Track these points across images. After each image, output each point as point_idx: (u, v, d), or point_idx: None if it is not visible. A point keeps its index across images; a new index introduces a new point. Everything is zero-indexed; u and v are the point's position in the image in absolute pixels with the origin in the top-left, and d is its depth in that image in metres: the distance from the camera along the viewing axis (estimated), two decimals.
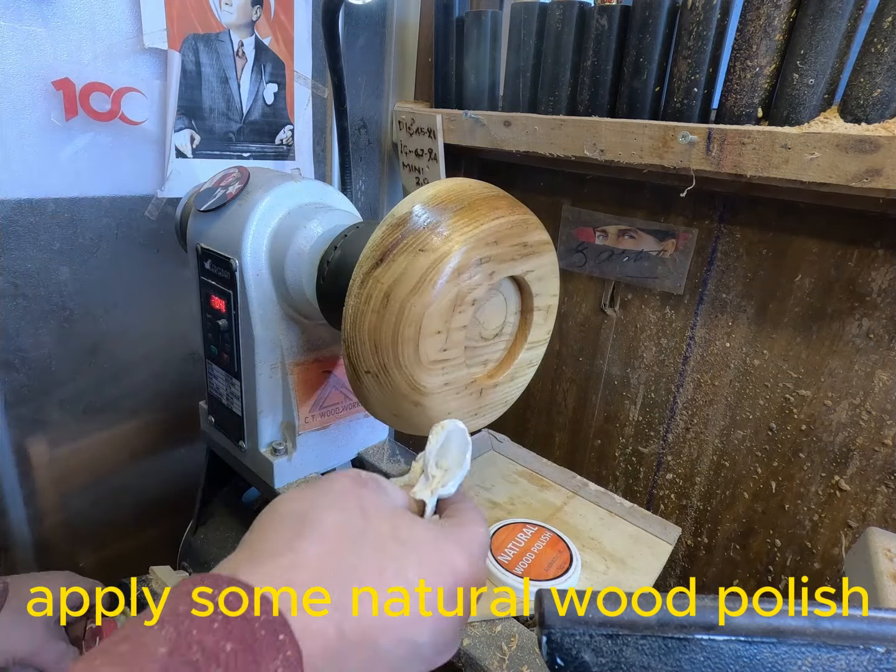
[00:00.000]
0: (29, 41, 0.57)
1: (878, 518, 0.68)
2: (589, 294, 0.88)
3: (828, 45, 0.54)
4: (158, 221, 0.71)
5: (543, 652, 0.26)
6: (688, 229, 0.75)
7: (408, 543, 0.28)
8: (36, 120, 0.59)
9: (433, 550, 0.29)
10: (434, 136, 0.83)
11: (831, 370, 0.68)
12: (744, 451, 0.77)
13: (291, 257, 0.51)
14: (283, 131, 0.80)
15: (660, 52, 0.64)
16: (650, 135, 0.63)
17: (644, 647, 0.25)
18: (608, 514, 0.64)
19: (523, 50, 0.75)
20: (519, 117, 0.74)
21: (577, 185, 0.84)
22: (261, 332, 0.54)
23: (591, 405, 0.92)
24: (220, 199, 0.54)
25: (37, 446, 0.70)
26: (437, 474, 0.35)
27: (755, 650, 0.24)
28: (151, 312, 0.75)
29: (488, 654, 0.47)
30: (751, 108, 0.59)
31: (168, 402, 0.81)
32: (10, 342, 0.64)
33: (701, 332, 0.77)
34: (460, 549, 0.30)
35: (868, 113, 0.53)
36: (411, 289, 0.40)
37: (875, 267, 0.63)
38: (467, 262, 0.41)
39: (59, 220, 0.64)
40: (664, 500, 0.87)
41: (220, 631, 0.21)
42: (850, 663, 0.24)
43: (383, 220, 0.42)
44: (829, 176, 0.54)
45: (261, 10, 0.72)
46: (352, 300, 0.42)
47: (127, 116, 0.64)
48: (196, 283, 0.59)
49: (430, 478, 0.35)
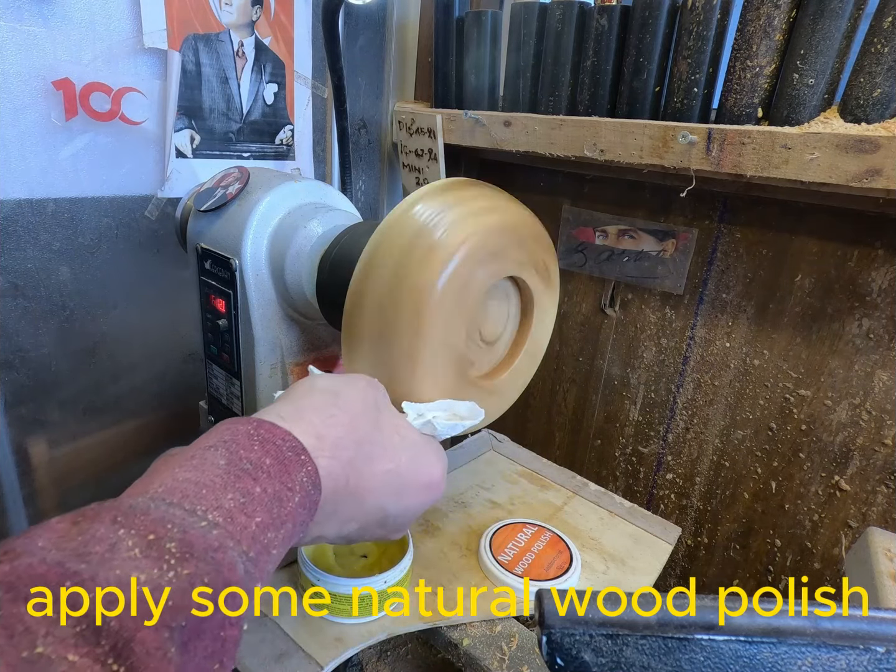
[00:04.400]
0: (29, 41, 0.57)
1: (878, 518, 0.68)
2: (589, 294, 0.87)
3: (828, 45, 0.54)
4: (158, 221, 0.71)
5: (543, 652, 0.26)
6: (688, 229, 0.75)
7: (406, 439, 0.37)
8: (36, 120, 0.59)
9: (421, 453, 0.38)
10: (434, 136, 0.83)
11: (831, 370, 0.68)
12: (744, 451, 0.77)
13: (291, 257, 0.51)
14: (283, 131, 0.80)
15: (660, 52, 0.64)
16: (650, 135, 0.63)
17: (644, 647, 0.25)
18: (608, 514, 0.64)
19: (523, 50, 0.75)
20: (519, 117, 0.74)
21: (577, 185, 0.84)
22: (261, 332, 0.54)
23: (591, 405, 0.92)
24: (220, 199, 0.54)
25: (37, 446, 0.70)
26: (439, 416, 0.41)
27: (755, 650, 0.24)
28: (151, 312, 0.75)
29: (488, 654, 0.47)
30: (751, 108, 0.59)
31: (168, 402, 0.81)
32: (10, 342, 0.64)
33: (701, 332, 0.77)
34: (439, 465, 0.39)
35: (868, 113, 0.53)
36: (421, 267, 0.40)
37: (875, 267, 0.63)
38: (480, 252, 0.41)
39: (59, 220, 0.64)
40: (664, 500, 0.87)
41: (259, 451, 0.29)
42: (850, 663, 0.24)
43: (403, 200, 0.43)
44: (829, 176, 0.54)
45: (261, 10, 0.72)
46: (362, 266, 0.42)
47: (127, 116, 0.64)
48: (196, 283, 0.59)
49: (434, 415, 0.41)
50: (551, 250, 0.49)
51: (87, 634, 0.19)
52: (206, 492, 0.26)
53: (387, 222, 0.42)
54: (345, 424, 0.33)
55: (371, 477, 0.34)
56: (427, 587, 0.52)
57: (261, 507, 0.27)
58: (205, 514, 0.25)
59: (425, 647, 0.75)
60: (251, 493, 0.27)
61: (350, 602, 0.48)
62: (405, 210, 0.42)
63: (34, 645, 0.18)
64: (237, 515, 0.26)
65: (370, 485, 0.34)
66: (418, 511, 0.38)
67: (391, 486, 0.35)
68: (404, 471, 0.36)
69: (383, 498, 0.35)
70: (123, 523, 0.23)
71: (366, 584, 0.47)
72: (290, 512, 0.28)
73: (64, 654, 0.18)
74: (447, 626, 0.49)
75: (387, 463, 0.35)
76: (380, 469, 0.34)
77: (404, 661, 0.73)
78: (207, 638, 0.22)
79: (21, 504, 0.71)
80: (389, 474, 0.35)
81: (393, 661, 0.73)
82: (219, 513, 0.25)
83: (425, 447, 0.38)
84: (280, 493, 0.28)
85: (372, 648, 0.72)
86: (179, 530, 0.23)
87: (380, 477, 0.34)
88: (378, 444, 0.35)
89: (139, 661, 0.19)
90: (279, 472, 0.28)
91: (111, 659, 0.19)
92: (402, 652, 0.74)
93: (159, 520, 0.23)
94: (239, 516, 0.26)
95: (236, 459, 0.28)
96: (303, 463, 0.30)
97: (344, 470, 0.32)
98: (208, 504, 0.26)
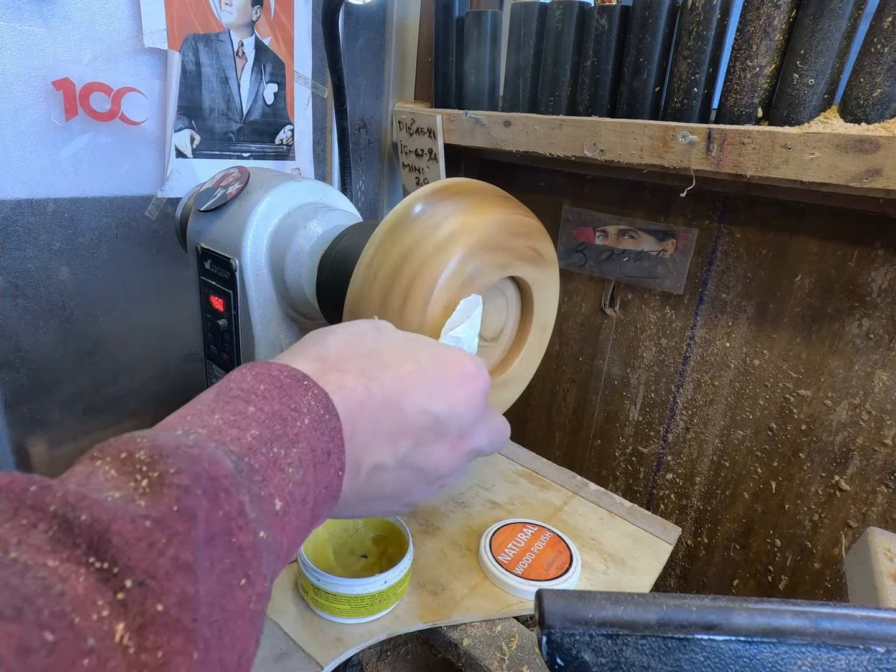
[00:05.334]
0: (29, 41, 0.57)
1: (878, 518, 0.68)
2: (589, 294, 0.87)
3: (828, 45, 0.54)
4: (158, 221, 0.71)
5: (543, 652, 0.26)
6: (688, 229, 0.75)
7: (419, 342, 0.33)
8: (36, 120, 0.59)
9: (441, 351, 0.33)
10: (434, 136, 0.83)
11: (831, 370, 0.68)
12: (744, 451, 0.77)
13: (291, 257, 0.51)
14: (283, 131, 0.80)
15: (660, 52, 0.64)
16: (650, 135, 0.63)
17: (644, 647, 0.25)
18: (608, 514, 0.64)
19: (523, 50, 0.75)
20: (519, 117, 0.74)
21: (577, 185, 0.84)
22: (261, 332, 0.54)
23: (591, 405, 0.92)
24: (220, 199, 0.54)
25: (37, 446, 0.70)
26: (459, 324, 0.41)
27: (755, 650, 0.24)
28: (151, 312, 0.75)
29: (488, 654, 0.47)
30: (751, 108, 0.59)
31: (168, 402, 0.81)
32: (10, 342, 0.64)
33: (701, 332, 0.77)
34: (466, 356, 0.34)
35: (868, 113, 0.53)
36: (422, 262, 0.40)
37: (875, 267, 0.63)
38: (482, 247, 0.41)
39: (59, 220, 0.64)
40: (664, 500, 0.87)
41: (251, 380, 0.26)
42: (850, 663, 0.24)
43: (404, 198, 0.43)
44: (829, 176, 0.54)
45: (261, 10, 0.72)
46: (361, 269, 0.42)
47: (127, 116, 0.64)
48: (196, 283, 0.59)
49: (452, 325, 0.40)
50: (538, 233, 0.48)
51: (61, 536, 0.17)
52: (191, 417, 0.24)
53: (387, 222, 0.42)
54: (345, 343, 0.30)
55: (395, 382, 0.29)
56: (427, 587, 0.52)
57: (256, 422, 0.24)
58: (186, 432, 0.23)
59: (425, 647, 0.75)
60: (243, 412, 0.24)
61: (350, 602, 0.48)
62: (405, 210, 0.42)
63: (6, 552, 0.16)
64: (226, 429, 0.23)
65: (399, 390, 0.29)
66: (470, 407, 0.32)
67: (423, 386, 0.30)
68: (430, 368, 0.31)
69: (421, 399, 0.30)
70: (99, 456, 0.21)
71: (366, 584, 0.47)
72: (301, 432, 0.25)
73: (42, 562, 0.16)
74: (447, 626, 0.49)
75: (406, 365, 0.30)
76: (401, 372, 0.30)
77: (404, 661, 0.73)
78: (218, 545, 0.20)
79: None
80: (414, 374, 0.30)
81: (393, 661, 0.73)
82: (203, 429, 0.23)
83: (443, 347, 0.34)
84: (281, 413, 0.25)
85: (372, 648, 0.72)
86: (149, 440, 0.21)
87: (405, 379, 0.30)
88: (388, 352, 0.31)
89: (120, 552, 0.17)
90: (278, 395, 0.25)
91: (92, 557, 0.17)
92: (402, 652, 0.75)
93: (130, 439, 0.21)
94: (228, 429, 0.23)
95: (225, 390, 0.25)
96: (306, 388, 0.26)
97: (360, 380, 0.28)
98: (191, 425, 0.23)
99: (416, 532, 0.59)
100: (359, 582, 0.47)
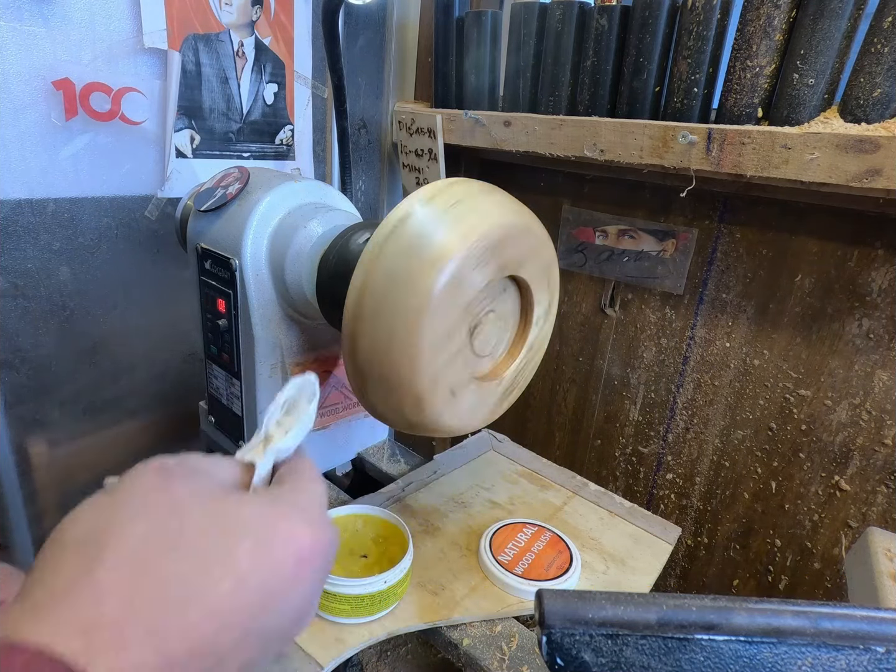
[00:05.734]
0: (29, 41, 0.57)
1: (878, 518, 0.68)
2: (589, 294, 0.87)
3: (828, 45, 0.54)
4: (158, 221, 0.71)
5: (543, 652, 0.26)
6: (688, 229, 0.75)
7: (235, 532, 0.25)
8: (36, 120, 0.59)
9: (266, 530, 0.25)
10: (434, 136, 0.83)
11: (831, 370, 0.68)
12: (744, 451, 0.77)
13: (291, 257, 0.51)
14: (283, 131, 0.80)
15: (660, 52, 0.64)
16: (650, 135, 0.63)
17: (644, 647, 0.25)
18: (608, 514, 0.64)
19: (523, 50, 0.75)
20: (519, 117, 0.74)
21: (577, 185, 0.84)
22: (261, 332, 0.54)
23: (591, 405, 0.92)
24: (220, 199, 0.54)
25: (37, 446, 0.70)
26: (275, 433, 0.31)
27: (755, 650, 0.24)
28: (151, 312, 0.75)
29: (488, 654, 0.47)
30: (751, 108, 0.59)
31: (168, 402, 0.81)
32: (10, 342, 0.64)
33: (701, 333, 0.77)
34: (298, 517, 0.27)
35: (868, 113, 0.53)
36: (421, 269, 0.40)
37: (875, 267, 0.63)
38: (480, 254, 0.41)
39: (59, 220, 0.64)
40: (664, 500, 0.87)
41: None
42: (850, 663, 0.24)
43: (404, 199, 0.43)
44: (829, 176, 0.54)
45: (261, 10, 0.72)
46: (363, 266, 0.42)
47: (127, 116, 0.64)
48: (196, 283, 0.59)
49: (267, 437, 0.30)
50: (532, 237, 0.47)
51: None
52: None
53: (387, 222, 0.42)
54: (125, 578, 0.22)
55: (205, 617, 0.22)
56: (427, 587, 0.52)
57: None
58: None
59: (425, 647, 0.75)
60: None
61: (350, 602, 0.47)
62: (404, 210, 0.42)
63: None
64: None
65: (215, 624, 0.22)
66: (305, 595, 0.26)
67: (246, 606, 0.23)
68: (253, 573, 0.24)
69: (246, 624, 0.24)
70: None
71: (366, 584, 0.47)
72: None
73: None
74: (447, 626, 0.49)
75: (220, 582, 0.23)
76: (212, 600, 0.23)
77: (404, 661, 0.73)
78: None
79: (21, 504, 0.71)
80: (232, 595, 0.23)
81: (393, 661, 0.73)
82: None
83: (267, 516, 0.26)
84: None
85: (372, 648, 0.72)
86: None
87: (218, 609, 0.23)
88: (194, 571, 0.23)
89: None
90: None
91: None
92: (402, 652, 0.75)
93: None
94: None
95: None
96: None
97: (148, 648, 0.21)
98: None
99: (416, 532, 0.59)
100: (359, 582, 0.47)
